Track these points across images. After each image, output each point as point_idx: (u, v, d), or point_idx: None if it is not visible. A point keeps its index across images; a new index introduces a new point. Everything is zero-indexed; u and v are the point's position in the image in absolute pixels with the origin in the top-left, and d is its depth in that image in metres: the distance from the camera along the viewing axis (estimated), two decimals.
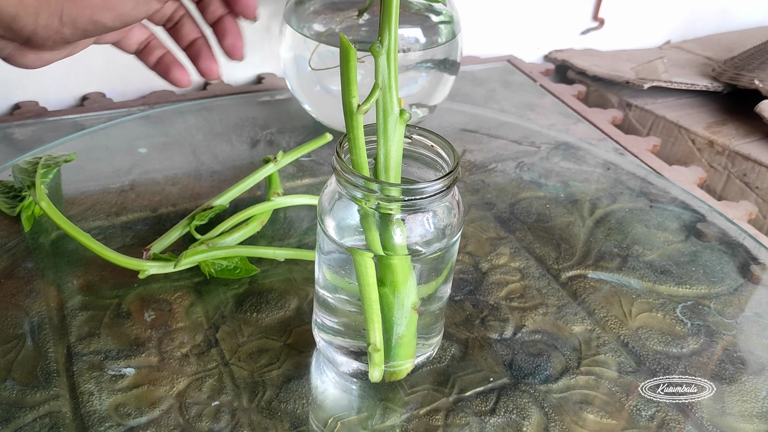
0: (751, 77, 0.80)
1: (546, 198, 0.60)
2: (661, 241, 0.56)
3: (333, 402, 0.40)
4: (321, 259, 0.38)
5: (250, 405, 0.39)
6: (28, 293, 0.45)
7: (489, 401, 0.41)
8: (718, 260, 0.54)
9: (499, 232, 0.55)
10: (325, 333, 0.40)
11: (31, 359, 0.41)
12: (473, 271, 0.51)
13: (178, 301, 0.46)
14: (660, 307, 0.49)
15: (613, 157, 0.68)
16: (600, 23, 0.96)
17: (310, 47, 0.59)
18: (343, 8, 0.61)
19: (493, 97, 0.79)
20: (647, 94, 0.85)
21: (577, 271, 0.52)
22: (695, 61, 0.93)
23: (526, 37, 0.93)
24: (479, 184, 0.62)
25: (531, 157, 0.66)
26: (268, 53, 0.78)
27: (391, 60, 0.32)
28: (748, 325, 0.48)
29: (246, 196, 0.55)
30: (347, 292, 0.38)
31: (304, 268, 0.50)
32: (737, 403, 0.42)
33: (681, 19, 1.03)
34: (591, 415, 0.40)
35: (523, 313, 0.47)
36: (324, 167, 0.62)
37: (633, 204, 0.60)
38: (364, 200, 0.34)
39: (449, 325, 0.45)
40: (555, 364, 0.43)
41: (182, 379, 0.40)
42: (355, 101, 0.32)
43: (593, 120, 0.76)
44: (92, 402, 0.38)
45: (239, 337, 0.44)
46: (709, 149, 0.78)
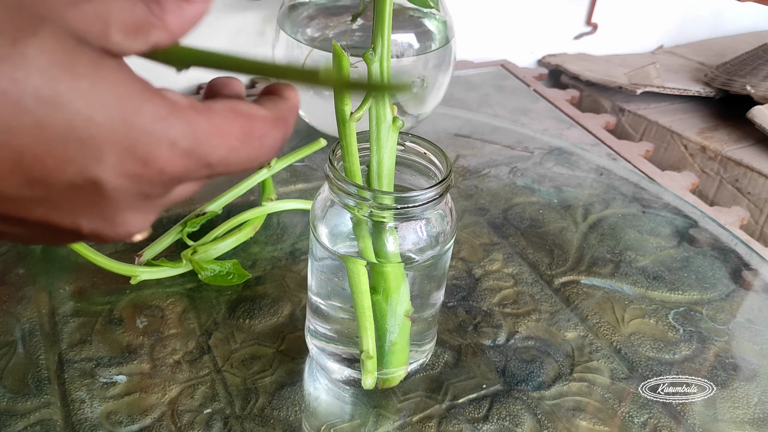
0: (743, 83, 0.80)
1: (539, 203, 0.60)
2: (653, 247, 0.56)
3: (326, 409, 0.40)
4: (313, 266, 0.38)
5: (243, 412, 0.39)
6: (19, 300, 0.45)
7: (482, 408, 0.40)
8: (710, 266, 0.54)
9: (492, 238, 0.55)
10: (318, 340, 0.40)
11: (22, 366, 0.41)
12: (466, 277, 0.51)
13: (170, 307, 0.46)
14: (652, 313, 0.49)
15: (606, 162, 0.68)
16: (593, 28, 0.97)
17: (304, 52, 0.58)
18: (337, 13, 0.61)
19: (486, 102, 0.79)
20: (640, 99, 0.86)
21: (570, 277, 0.52)
22: (688, 67, 0.94)
23: (519, 41, 0.93)
24: (472, 190, 0.62)
25: (524, 162, 0.66)
26: (262, 58, 0.77)
27: (384, 67, 0.32)
28: (740, 331, 0.48)
29: (239, 201, 0.55)
30: (340, 299, 0.38)
31: (297, 274, 0.49)
32: (729, 409, 0.42)
33: (673, 23, 1.03)
34: (584, 421, 0.40)
35: (516, 319, 0.47)
36: (317, 172, 0.62)
37: (626, 209, 0.60)
38: (357, 208, 0.33)
39: (442, 331, 0.45)
40: (548, 370, 0.43)
41: (174, 386, 0.40)
42: (348, 109, 0.32)
43: (586, 125, 0.76)
44: (83, 410, 0.38)
45: (232, 343, 0.43)
46: (701, 154, 0.78)
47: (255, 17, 0.74)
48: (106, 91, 0.19)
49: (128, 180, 0.20)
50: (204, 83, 0.74)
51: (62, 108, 0.18)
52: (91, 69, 0.19)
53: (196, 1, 0.22)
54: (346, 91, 0.30)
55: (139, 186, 0.20)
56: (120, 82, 0.19)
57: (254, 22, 0.75)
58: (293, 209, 0.55)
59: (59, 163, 0.19)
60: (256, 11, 0.74)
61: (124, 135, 0.19)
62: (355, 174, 0.33)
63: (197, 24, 0.23)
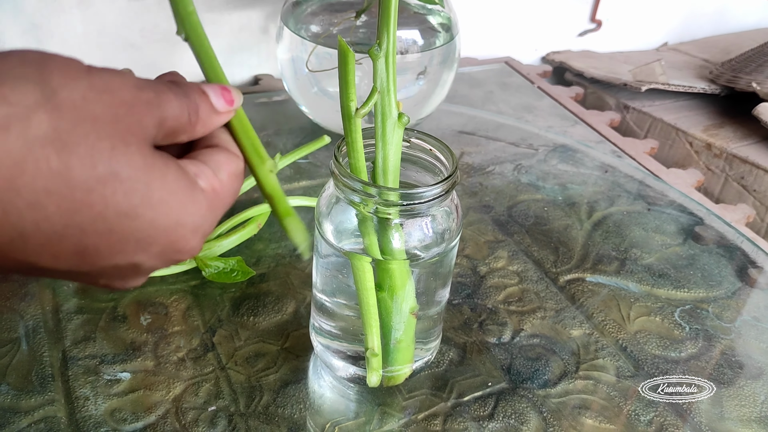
0: (748, 80, 0.80)
1: (544, 201, 0.60)
2: (659, 245, 0.55)
3: (330, 407, 0.40)
4: (318, 263, 0.38)
5: (247, 410, 0.39)
6: (23, 296, 0.45)
7: (487, 406, 0.40)
8: (716, 264, 0.54)
9: (497, 235, 0.55)
10: (323, 337, 0.40)
11: (26, 363, 0.40)
12: (471, 274, 0.51)
13: (174, 304, 0.46)
14: (658, 310, 0.49)
15: (610, 159, 0.68)
16: (597, 25, 0.96)
17: (308, 49, 0.58)
18: (341, 10, 0.60)
19: (490, 99, 0.79)
20: (645, 97, 0.85)
21: (575, 275, 0.51)
22: (692, 64, 0.93)
23: (523, 38, 0.93)
24: (477, 187, 0.61)
25: (529, 159, 0.66)
26: (265, 54, 0.77)
27: (389, 63, 0.32)
28: (746, 329, 0.48)
29: (243, 198, 0.55)
30: (345, 296, 0.38)
31: (301, 271, 0.49)
32: (735, 407, 0.42)
33: (678, 20, 1.03)
34: (589, 419, 0.40)
35: (522, 316, 0.47)
36: (321, 169, 0.62)
37: (631, 207, 0.60)
38: (363, 204, 0.33)
39: (447, 329, 0.45)
40: (553, 368, 0.43)
41: (178, 383, 0.40)
42: (354, 104, 0.31)
43: (591, 122, 0.76)
44: (88, 407, 0.38)
45: (236, 341, 0.43)
46: (706, 152, 0.78)
47: (258, 14, 0.74)
48: (169, 198, 0.22)
49: (161, 262, 0.24)
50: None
51: (134, 218, 0.22)
52: (160, 178, 0.22)
53: (224, 113, 0.26)
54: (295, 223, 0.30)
55: (164, 264, 0.24)
56: (177, 186, 0.23)
57: (257, 18, 0.74)
58: (297, 206, 0.55)
59: (113, 253, 0.22)
60: (259, 8, 0.74)
61: (173, 233, 0.23)
62: (360, 170, 0.33)
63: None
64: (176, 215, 0.23)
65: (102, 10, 0.67)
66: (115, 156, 0.21)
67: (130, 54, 0.70)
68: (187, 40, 0.26)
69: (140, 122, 0.22)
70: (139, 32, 0.70)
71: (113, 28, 0.69)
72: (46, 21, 0.65)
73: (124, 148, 0.21)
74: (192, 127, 0.24)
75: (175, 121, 0.24)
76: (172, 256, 0.24)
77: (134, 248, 0.22)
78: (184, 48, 0.26)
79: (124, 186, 0.21)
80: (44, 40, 0.66)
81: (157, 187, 0.22)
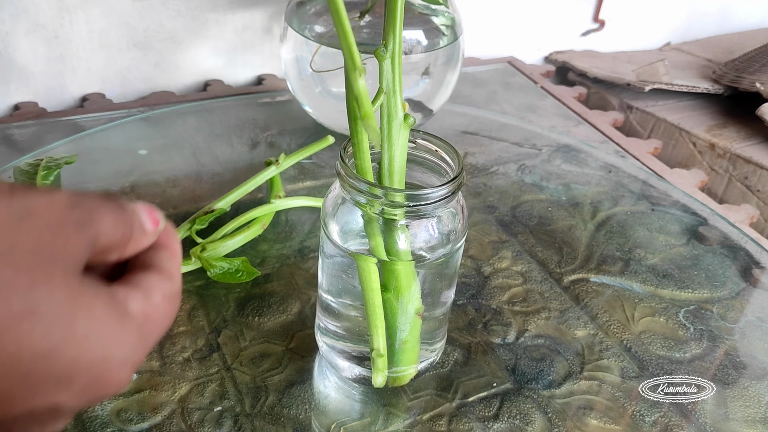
0: (752, 80, 0.80)
1: (547, 201, 0.60)
2: (662, 245, 0.55)
3: (336, 407, 0.40)
4: (324, 263, 0.38)
5: (253, 410, 0.39)
6: None
7: (492, 407, 0.40)
8: (720, 264, 0.54)
9: (501, 236, 0.55)
10: (328, 337, 0.40)
11: None
12: (475, 275, 0.51)
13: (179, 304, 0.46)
14: (662, 311, 0.49)
15: (614, 159, 0.68)
16: (600, 25, 0.96)
17: (312, 49, 0.58)
18: (345, 10, 0.60)
19: (493, 99, 0.79)
20: (648, 97, 0.85)
21: (580, 275, 0.51)
22: (695, 63, 0.93)
23: (526, 38, 0.93)
24: (481, 187, 0.61)
25: (532, 159, 0.66)
26: (269, 54, 0.77)
27: (395, 64, 0.32)
28: (750, 329, 0.48)
29: (247, 198, 0.55)
30: (350, 296, 0.38)
31: (306, 271, 0.49)
32: (740, 408, 0.42)
33: (681, 20, 1.03)
34: (594, 420, 0.40)
35: (526, 317, 0.47)
36: (325, 170, 0.62)
37: (634, 207, 0.60)
38: (369, 205, 0.33)
39: (452, 329, 0.45)
40: (558, 369, 0.43)
41: (184, 383, 0.40)
42: None
43: (594, 122, 0.76)
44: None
45: (241, 341, 0.43)
46: (710, 152, 0.78)
47: (262, 14, 0.74)
48: (96, 331, 0.20)
49: (84, 401, 0.21)
50: (209, 81, 0.74)
51: (53, 358, 0.19)
52: (86, 310, 0.20)
53: (150, 234, 0.24)
54: None
55: (88, 402, 0.22)
56: (105, 317, 0.21)
57: (261, 18, 0.74)
58: (301, 207, 0.55)
59: (28, 398, 0.20)
60: (263, 8, 0.74)
61: (98, 367, 0.21)
62: (366, 171, 0.33)
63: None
64: (102, 349, 0.20)
65: (106, 10, 0.67)
66: (34, 291, 0.19)
67: (135, 54, 0.71)
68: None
69: (67, 247, 0.20)
70: (143, 32, 0.70)
71: (117, 28, 0.69)
72: (50, 21, 0.65)
73: (45, 280, 0.19)
74: (123, 246, 0.23)
75: (109, 238, 0.22)
76: (97, 393, 0.21)
77: (53, 389, 0.20)
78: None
79: (43, 323, 0.19)
80: (48, 41, 0.66)
81: (82, 320, 0.20)
